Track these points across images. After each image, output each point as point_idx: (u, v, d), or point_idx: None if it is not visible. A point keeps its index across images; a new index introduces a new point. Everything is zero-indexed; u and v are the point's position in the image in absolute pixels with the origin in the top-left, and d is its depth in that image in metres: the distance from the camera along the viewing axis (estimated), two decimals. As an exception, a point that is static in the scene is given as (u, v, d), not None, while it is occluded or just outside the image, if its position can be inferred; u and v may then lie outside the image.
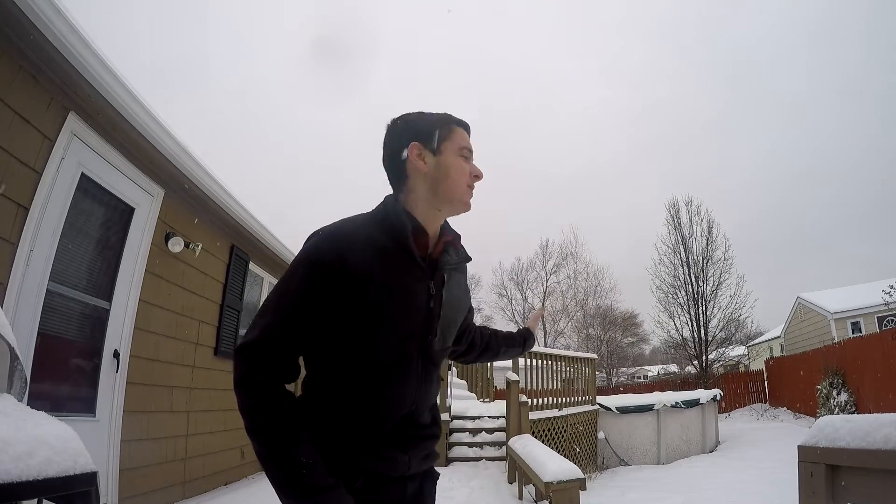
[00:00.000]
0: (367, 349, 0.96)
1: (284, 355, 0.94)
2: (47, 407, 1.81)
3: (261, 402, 0.90)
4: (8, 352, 1.37)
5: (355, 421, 0.97)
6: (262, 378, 0.91)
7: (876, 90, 53.25)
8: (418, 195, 1.05)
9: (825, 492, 1.43)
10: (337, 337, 0.96)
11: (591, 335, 27.67)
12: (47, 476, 0.97)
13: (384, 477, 0.99)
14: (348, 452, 0.95)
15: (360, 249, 0.96)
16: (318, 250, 0.96)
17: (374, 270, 0.95)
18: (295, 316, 0.94)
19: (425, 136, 1.06)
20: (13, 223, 2.44)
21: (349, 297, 0.94)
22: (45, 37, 2.33)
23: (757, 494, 5.22)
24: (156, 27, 58.63)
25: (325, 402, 0.97)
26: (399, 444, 1.01)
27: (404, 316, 0.99)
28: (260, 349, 0.93)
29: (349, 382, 0.97)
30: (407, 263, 1.00)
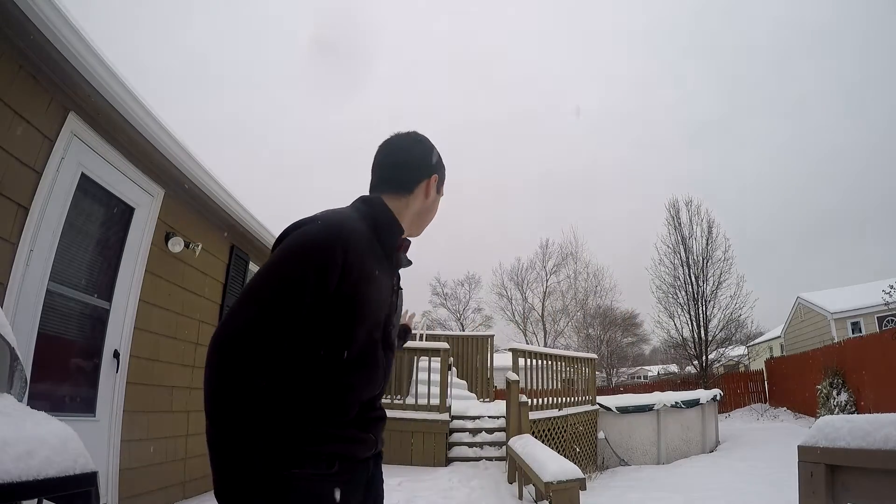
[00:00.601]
0: (346, 339, 0.99)
1: (272, 353, 0.90)
2: (47, 407, 1.81)
3: (238, 418, 0.87)
4: (8, 352, 1.37)
5: (329, 407, 0.98)
6: (245, 387, 0.87)
7: (875, 91, 53.26)
8: (409, 211, 1.18)
9: (825, 492, 1.43)
10: (318, 327, 0.95)
11: (591, 335, 27.66)
12: (47, 476, 0.97)
13: (356, 459, 1.03)
14: (323, 439, 0.96)
15: (359, 243, 0.99)
16: (323, 238, 0.95)
17: (367, 266, 1.00)
18: (288, 306, 0.90)
19: (441, 173, 1.24)
20: (13, 223, 2.44)
21: (341, 288, 0.94)
22: (45, 37, 2.33)
23: (757, 494, 5.22)
24: (156, 27, 58.64)
25: (299, 392, 0.96)
26: (364, 426, 1.05)
27: (378, 308, 1.05)
28: (246, 345, 0.87)
29: (324, 371, 0.97)
30: (384, 260, 1.09)
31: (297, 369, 0.97)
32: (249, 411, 0.88)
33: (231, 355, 0.87)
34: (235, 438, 0.88)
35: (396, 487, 4.93)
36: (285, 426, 0.94)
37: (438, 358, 6.67)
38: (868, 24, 55.57)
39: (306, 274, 0.92)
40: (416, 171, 1.19)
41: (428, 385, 6.58)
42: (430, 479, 5.34)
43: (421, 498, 4.59)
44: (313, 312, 0.94)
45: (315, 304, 0.93)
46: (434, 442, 6.33)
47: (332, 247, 0.94)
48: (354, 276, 0.96)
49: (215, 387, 0.88)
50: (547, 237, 38.07)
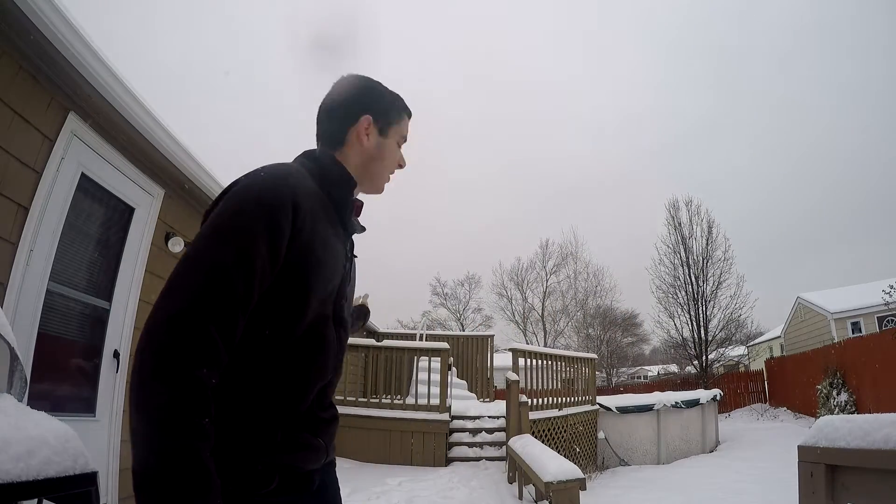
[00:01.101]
0: (295, 314, 0.84)
1: (225, 337, 0.73)
2: (47, 407, 1.81)
3: (183, 404, 0.67)
4: (8, 352, 1.37)
5: (275, 400, 0.83)
6: (191, 369, 0.68)
7: (875, 92, 53.28)
8: (348, 164, 1.01)
9: (825, 492, 1.43)
10: (265, 300, 0.81)
11: (591, 335, 27.68)
12: (47, 476, 0.97)
13: (301, 471, 0.89)
14: (264, 446, 0.81)
15: (309, 199, 0.87)
16: (271, 193, 0.81)
17: (317, 224, 0.87)
18: (240, 273, 0.75)
19: (380, 113, 1.04)
20: (13, 223, 2.44)
21: (291, 251, 0.82)
22: (45, 37, 2.33)
23: (757, 494, 5.22)
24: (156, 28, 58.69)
25: (237, 385, 0.80)
26: (313, 427, 0.91)
27: (331, 276, 0.91)
28: (190, 323, 0.69)
29: (268, 356, 0.83)
30: (335, 222, 0.95)
31: (239, 356, 0.80)
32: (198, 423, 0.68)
33: (171, 343, 0.68)
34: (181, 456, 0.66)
35: (396, 487, 4.93)
36: (222, 430, 0.76)
37: (438, 358, 6.67)
38: (867, 25, 55.62)
39: (256, 233, 0.77)
40: (343, 118, 1.02)
41: (428, 385, 6.58)
42: (430, 479, 5.34)
43: (421, 498, 4.59)
44: (263, 280, 0.80)
45: (265, 270, 0.79)
46: (434, 442, 6.33)
47: (281, 202, 0.80)
48: (305, 237, 0.83)
49: (148, 388, 0.67)
50: (547, 237, 38.11)
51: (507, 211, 50.71)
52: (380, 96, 1.06)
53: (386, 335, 10.63)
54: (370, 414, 6.37)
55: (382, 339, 9.70)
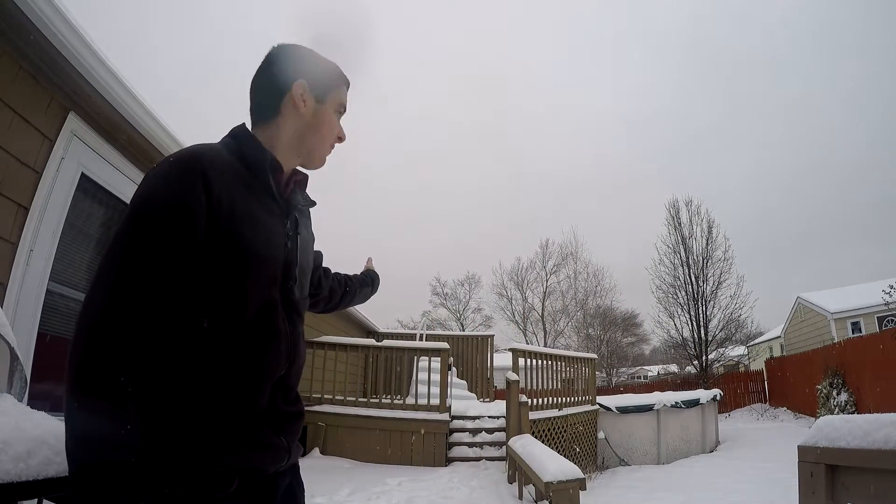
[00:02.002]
0: (232, 298, 0.81)
1: (142, 339, 0.73)
2: (47, 407, 1.81)
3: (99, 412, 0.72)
4: (8, 352, 1.37)
5: (227, 396, 0.80)
6: (109, 374, 0.72)
7: (878, 95, 53.25)
8: (282, 135, 0.96)
9: (825, 492, 1.43)
10: (195, 289, 0.79)
11: (591, 335, 27.67)
12: (47, 476, 0.97)
13: (263, 473, 0.86)
14: (220, 446, 0.78)
15: (223, 175, 0.82)
16: (178, 173, 0.79)
17: (238, 200, 0.83)
18: (153, 269, 0.74)
19: (315, 78, 0.98)
20: (13, 223, 2.44)
21: (212, 231, 0.78)
22: (45, 37, 2.32)
23: (757, 494, 5.22)
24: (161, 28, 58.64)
25: (187, 384, 0.78)
26: (274, 423, 0.87)
27: (268, 256, 0.87)
28: (106, 331, 0.72)
29: (211, 348, 0.80)
30: (265, 198, 0.90)
31: (178, 352, 0.78)
32: (120, 418, 0.72)
33: (96, 349, 0.73)
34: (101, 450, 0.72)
35: (396, 487, 4.93)
36: (164, 429, 0.76)
37: (438, 358, 6.67)
38: (866, 26, 55.60)
39: (165, 222, 0.75)
40: (275, 88, 0.97)
41: (428, 385, 6.58)
42: (430, 479, 5.34)
43: (421, 498, 4.59)
44: (185, 271, 0.77)
45: (184, 257, 0.76)
46: (434, 442, 6.33)
47: (189, 181, 0.77)
48: (225, 213, 0.80)
49: (75, 394, 0.74)
50: (547, 237, 38.10)
51: (507, 211, 50.73)
52: (312, 59, 1.00)
53: (386, 335, 10.63)
54: (370, 414, 6.37)
55: (382, 339, 9.70)
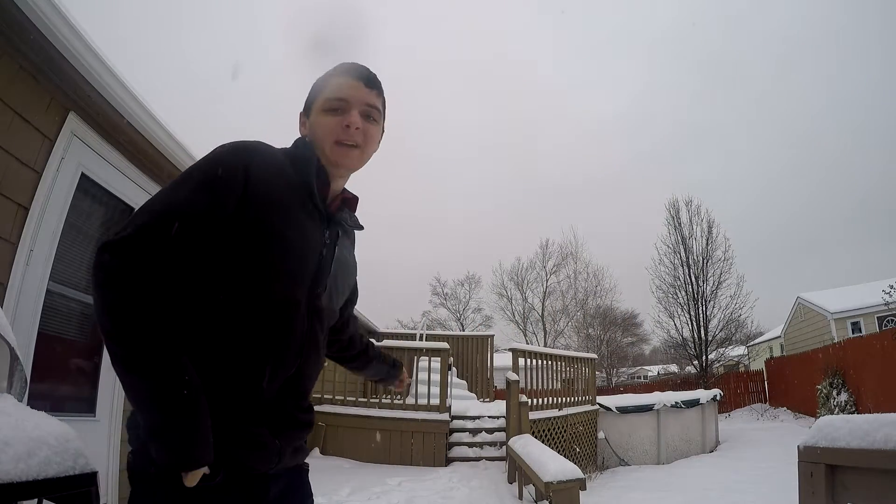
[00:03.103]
0: (256, 281, 0.85)
1: (158, 259, 0.78)
2: (47, 407, 1.81)
3: (135, 298, 0.74)
4: (8, 352, 1.37)
5: (230, 374, 0.83)
6: (138, 273, 0.76)
7: (874, 93, 53.28)
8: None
9: (825, 492, 1.43)
10: (225, 257, 0.84)
11: (591, 335, 27.66)
12: (47, 476, 0.97)
13: (250, 470, 0.85)
14: (215, 429, 0.79)
15: (266, 167, 0.90)
16: (225, 154, 0.88)
17: (276, 192, 0.89)
18: (182, 217, 0.81)
19: (306, 101, 1.04)
20: (13, 223, 2.44)
21: (244, 206, 0.84)
22: (45, 37, 2.32)
23: (757, 494, 5.22)
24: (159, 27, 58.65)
25: (195, 350, 0.81)
26: (273, 424, 0.88)
27: (298, 252, 0.91)
28: (136, 246, 0.78)
29: (229, 322, 0.84)
30: (307, 202, 0.94)
31: (200, 326, 0.83)
32: (155, 319, 0.76)
33: (127, 255, 0.77)
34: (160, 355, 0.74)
35: (396, 487, 4.93)
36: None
37: (438, 358, 6.67)
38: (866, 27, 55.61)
39: (201, 184, 0.84)
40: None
41: (428, 385, 6.58)
42: (430, 479, 5.34)
43: (421, 498, 4.59)
44: (221, 245, 0.83)
45: (211, 222, 0.82)
46: (434, 442, 6.33)
47: (231, 162, 0.86)
48: (260, 200, 0.85)
49: (113, 291, 0.76)
50: (547, 237, 38.09)
51: (507, 211, 50.74)
52: (312, 86, 1.04)
53: (386, 335, 10.62)
54: (370, 414, 6.37)
55: (382, 339, 9.70)
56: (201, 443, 0.75)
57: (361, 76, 1.01)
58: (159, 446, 0.75)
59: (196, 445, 0.75)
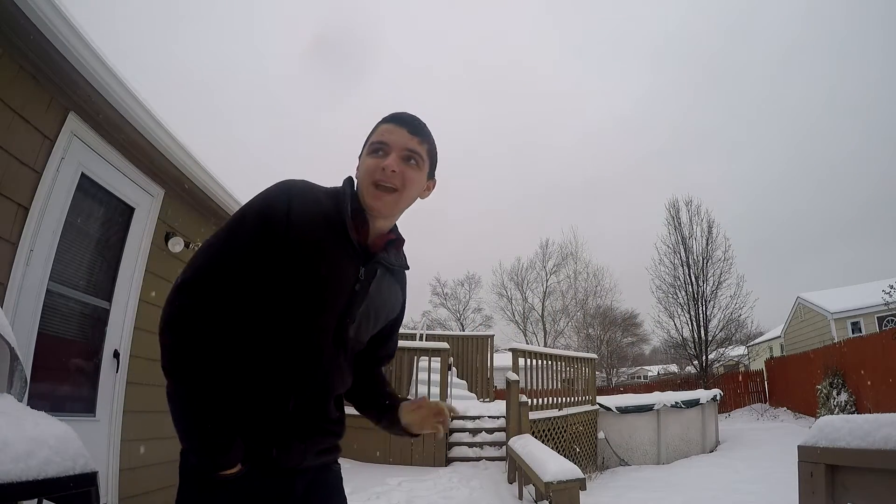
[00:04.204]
0: (290, 305, 0.95)
1: (227, 297, 0.93)
2: (47, 407, 1.81)
3: (188, 344, 0.91)
4: (8, 352, 1.37)
5: (260, 386, 0.94)
6: (195, 321, 0.91)
7: (875, 94, 53.29)
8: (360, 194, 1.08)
9: (825, 492, 1.43)
10: (264, 289, 0.95)
11: (591, 335, 27.67)
12: (47, 476, 0.97)
13: (273, 465, 0.95)
14: (244, 429, 0.92)
15: (306, 205, 0.98)
16: (275, 193, 0.99)
17: (312, 229, 0.97)
18: (235, 257, 0.93)
19: (362, 148, 1.10)
20: (13, 223, 2.44)
21: (285, 246, 0.94)
22: (45, 37, 2.32)
23: (757, 494, 5.22)
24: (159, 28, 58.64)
25: (235, 367, 0.94)
26: (299, 431, 0.98)
27: (329, 284, 0.98)
28: (196, 288, 0.92)
29: (263, 342, 0.95)
30: (343, 239, 1.00)
31: (238, 342, 0.95)
32: (204, 359, 0.91)
33: (188, 299, 0.92)
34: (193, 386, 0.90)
35: (396, 487, 4.93)
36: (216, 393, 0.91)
37: (438, 358, 6.67)
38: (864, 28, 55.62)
39: (253, 227, 0.95)
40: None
41: (428, 385, 6.58)
42: (430, 479, 5.34)
43: (421, 498, 4.60)
44: (263, 273, 0.94)
45: (263, 262, 0.94)
46: (434, 442, 6.33)
47: (275, 197, 0.97)
48: (297, 236, 0.95)
49: (170, 323, 0.92)
50: (547, 237, 38.10)
51: (507, 211, 50.73)
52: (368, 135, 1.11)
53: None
54: (370, 414, 6.36)
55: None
56: (230, 458, 0.90)
57: (405, 122, 1.06)
58: (195, 458, 0.92)
59: (225, 459, 0.90)
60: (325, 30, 79.37)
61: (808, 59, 62.70)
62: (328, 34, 78.88)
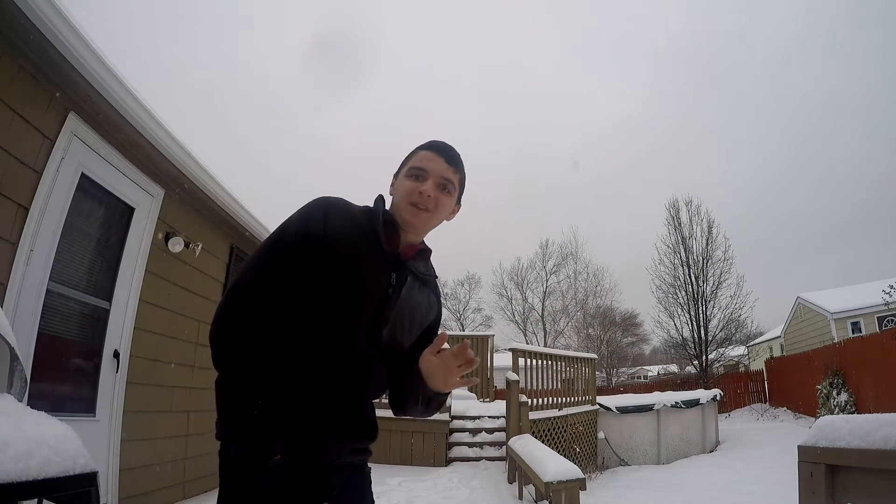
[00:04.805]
0: (330, 304, 1.03)
1: (271, 299, 1.00)
2: (47, 407, 1.81)
3: (235, 337, 0.97)
4: (8, 352, 1.37)
5: (301, 381, 1.00)
6: (242, 318, 0.98)
7: (876, 95, 53.29)
8: (392, 208, 1.18)
9: (825, 492, 1.43)
10: (306, 292, 1.02)
11: (591, 335, 27.66)
12: (47, 476, 0.97)
13: (309, 459, 1.00)
14: (284, 422, 0.97)
15: (342, 216, 1.09)
16: (313, 207, 1.09)
17: (347, 237, 1.07)
18: (278, 266, 1.02)
19: (399, 167, 1.21)
20: (13, 223, 2.44)
21: (323, 254, 1.03)
22: (45, 37, 2.33)
23: (757, 494, 5.22)
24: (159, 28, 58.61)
25: (279, 362, 1.00)
26: (336, 428, 1.03)
27: (364, 286, 1.07)
28: (244, 291, 1.00)
29: (304, 340, 1.01)
30: (375, 248, 1.10)
31: (282, 333, 1.01)
32: (250, 352, 0.96)
33: (243, 299, 1.00)
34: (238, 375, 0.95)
35: (396, 487, 4.93)
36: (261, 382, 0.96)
37: (438, 358, 6.65)
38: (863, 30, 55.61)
39: (289, 233, 1.05)
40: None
41: (428, 385, 6.57)
42: (430, 479, 5.34)
43: (421, 498, 4.59)
44: (300, 275, 1.02)
45: (302, 264, 1.02)
46: (434, 442, 6.33)
47: (314, 209, 1.08)
48: (334, 243, 1.04)
49: (221, 317, 0.99)
50: (547, 237, 38.09)
51: (507, 211, 50.72)
52: (404, 159, 1.21)
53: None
54: (370, 414, 6.36)
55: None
56: (270, 446, 0.94)
57: (444, 153, 1.16)
58: (235, 446, 0.96)
59: (265, 446, 0.94)
60: (325, 30, 79.38)
61: (808, 59, 62.74)
62: (328, 34, 78.90)
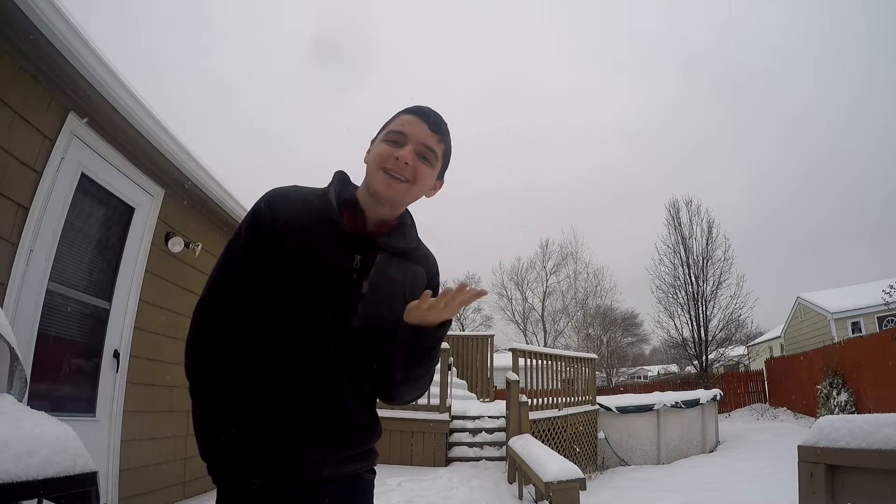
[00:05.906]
0: (281, 308, 0.95)
1: (233, 310, 0.95)
2: (47, 407, 1.81)
3: (203, 364, 0.94)
4: (8, 352, 1.37)
5: (270, 394, 0.94)
6: (209, 338, 0.94)
7: (879, 97, 53.35)
8: (364, 179, 1.06)
9: (825, 492, 1.43)
10: (267, 295, 0.96)
11: (591, 335, 27.66)
12: (47, 476, 0.97)
13: (292, 475, 0.93)
14: (260, 439, 0.92)
15: (290, 205, 0.99)
16: (258, 202, 1.01)
17: (298, 228, 0.97)
18: (236, 271, 0.97)
19: (378, 132, 1.08)
20: (13, 223, 2.44)
21: (272, 248, 0.96)
22: (45, 37, 2.33)
23: (757, 494, 5.22)
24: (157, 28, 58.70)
25: (250, 377, 0.95)
26: (316, 438, 0.94)
27: (321, 277, 0.96)
28: (209, 305, 0.96)
29: (270, 348, 0.95)
30: (333, 231, 0.99)
31: (246, 354, 0.96)
32: (218, 378, 0.93)
33: (205, 318, 0.96)
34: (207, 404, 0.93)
35: (396, 487, 4.93)
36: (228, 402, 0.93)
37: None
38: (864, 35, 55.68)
39: (247, 238, 0.98)
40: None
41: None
42: (430, 479, 5.34)
43: (421, 498, 4.59)
44: (259, 278, 0.96)
45: (258, 267, 0.96)
46: (434, 442, 6.33)
47: (259, 204, 1.00)
48: (283, 234, 0.96)
49: (190, 342, 0.95)
50: (547, 237, 38.07)
51: (507, 211, 50.73)
52: (384, 123, 1.08)
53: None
54: (370, 414, 6.35)
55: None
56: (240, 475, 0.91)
57: (428, 118, 1.03)
58: (212, 476, 0.93)
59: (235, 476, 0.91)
60: (327, 30, 79.38)
61: (809, 61, 62.74)
62: (330, 34, 78.90)
